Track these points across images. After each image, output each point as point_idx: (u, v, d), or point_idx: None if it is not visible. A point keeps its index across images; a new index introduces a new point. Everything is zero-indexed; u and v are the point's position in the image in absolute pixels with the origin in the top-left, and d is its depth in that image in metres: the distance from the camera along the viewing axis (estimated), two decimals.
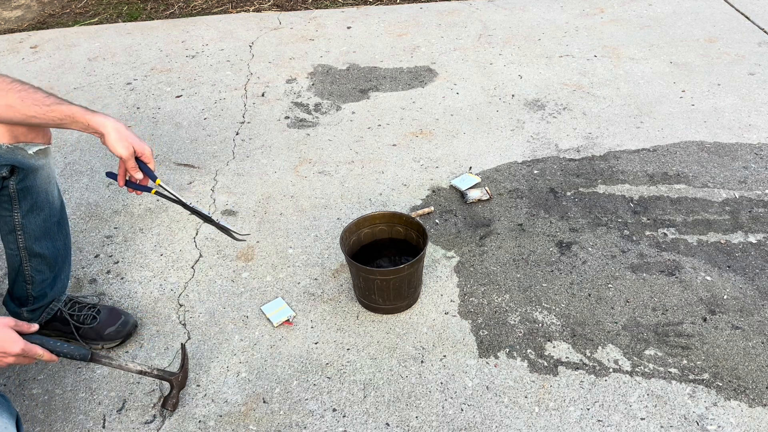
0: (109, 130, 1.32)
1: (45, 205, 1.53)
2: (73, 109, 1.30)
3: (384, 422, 1.53)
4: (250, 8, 4.02)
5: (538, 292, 1.88)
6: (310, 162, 2.50)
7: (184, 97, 2.99)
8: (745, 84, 2.93)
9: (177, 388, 1.53)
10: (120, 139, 1.34)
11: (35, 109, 1.27)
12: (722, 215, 2.15)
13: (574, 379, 1.62)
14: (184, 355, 1.57)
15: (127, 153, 1.35)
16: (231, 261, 2.03)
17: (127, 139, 1.35)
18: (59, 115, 1.29)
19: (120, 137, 1.34)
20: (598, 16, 3.69)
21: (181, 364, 1.56)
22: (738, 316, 1.78)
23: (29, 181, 1.47)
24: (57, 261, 1.65)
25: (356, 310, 1.84)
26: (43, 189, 1.51)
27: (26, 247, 1.56)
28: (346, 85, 3.05)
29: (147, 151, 1.38)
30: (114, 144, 1.33)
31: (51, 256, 1.62)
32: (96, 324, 1.71)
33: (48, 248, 1.60)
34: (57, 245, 1.63)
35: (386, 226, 1.89)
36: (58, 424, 1.54)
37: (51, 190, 1.54)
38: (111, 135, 1.33)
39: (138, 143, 1.38)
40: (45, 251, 1.59)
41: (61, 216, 1.62)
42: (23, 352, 1.18)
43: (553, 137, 2.60)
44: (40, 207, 1.52)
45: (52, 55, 3.43)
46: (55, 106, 1.28)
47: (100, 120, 1.32)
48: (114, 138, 1.33)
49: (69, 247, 1.69)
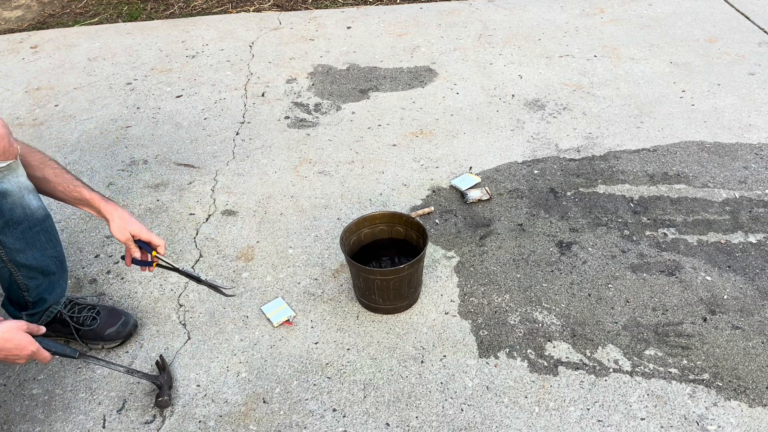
0: (114, 218, 1.54)
1: (22, 219, 1.50)
2: (93, 195, 1.53)
3: (384, 422, 1.53)
4: (250, 8, 4.02)
5: (538, 292, 1.88)
6: (310, 162, 2.50)
7: (184, 97, 2.99)
8: (745, 84, 2.93)
9: (166, 387, 1.59)
10: (121, 227, 1.54)
11: (64, 186, 1.52)
12: (722, 215, 2.15)
13: (574, 379, 1.62)
14: (163, 361, 1.66)
15: (124, 238, 1.55)
16: (231, 261, 2.03)
17: (127, 227, 1.55)
18: (80, 197, 1.52)
19: (122, 225, 1.54)
20: (598, 16, 3.69)
21: (162, 367, 1.64)
22: (738, 316, 1.78)
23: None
24: (49, 268, 1.63)
25: (356, 310, 1.84)
26: (18, 204, 1.47)
27: (11, 260, 1.54)
28: (346, 85, 3.05)
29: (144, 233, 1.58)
30: (115, 230, 1.54)
31: (41, 266, 1.60)
32: (96, 325, 1.70)
33: (36, 258, 1.58)
34: (47, 254, 1.61)
35: (386, 226, 1.89)
36: (58, 424, 1.54)
37: (27, 203, 1.50)
38: (114, 222, 1.54)
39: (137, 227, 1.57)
40: (32, 262, 1.57)
41: (45, 225, 1.59)
42: (35, 354, 1.31)
43: (553, 137, 2.60)
44: (16, 221, 1.49)
45: (52, 55, 3.43)
46: (79, 188, 1.52)
47: (109, 209, 1.54)
48: (116, 226, 1.54)
49: (62, 253, 1.66)
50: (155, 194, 2.33)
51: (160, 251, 1.63)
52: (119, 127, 2.77)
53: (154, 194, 2.33)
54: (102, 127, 2.77)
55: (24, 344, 1.29)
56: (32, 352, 1.30)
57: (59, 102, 2.98)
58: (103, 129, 2.76)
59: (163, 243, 1.62)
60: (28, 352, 1.30)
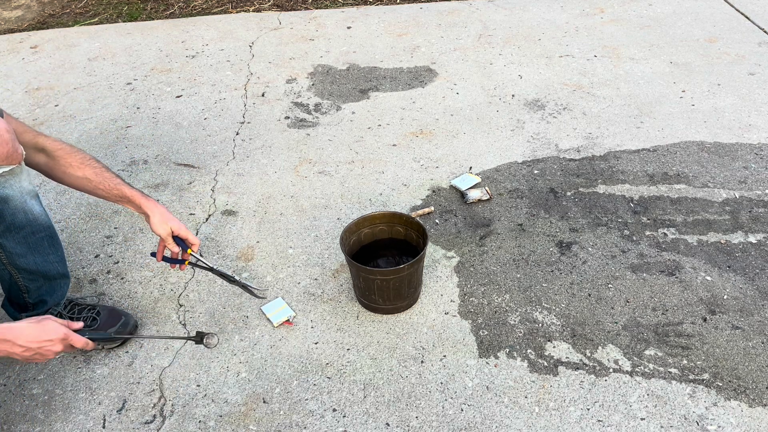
0: (155, 213, 1.58)
1: (24, 224, 1.51)
2: (133, 192, 1.57)
3: (384, 422, 1.53)
4: (250, 8, 4.02)
5: (538, 292, 1.88)
6: (310, 162, 2.50)
7: (184, 97, 2.99)
8: (745, 84, 2.93)
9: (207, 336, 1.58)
10: (162, 221, 1.58)
11: (105, 184, 1.54)
12: (722, 215, 2.15)
13: (574, 379, 1.62)
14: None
15: (164, 232, 1.58)
16: (231, 261, 2.03)
17: (167, 222, 1.59)
18: (120, 194, 1.55)
19: (162, 220, 1.58)
20: (598, 16, 3.69)
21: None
22: (738, 316, 1.78)
23: (0, 205, 1.44)
24: (51, 273, 1.63)
25: (356, 310, 1.84)
26: (20, 209, 1.48)
27: (11, 263, 1.54)
28: (346, 85, 3.05)
29: (182, 230, 1.62)
30: (156, 225, 1.57)
31: (43, 270, 1.60)
32: (96, 326, 1.70)
33: (38, 263, 1.58)
34: (49, 259, 1.61)
35: (386, 226, 1.89)
36: (58, 424, 1.54)
37: (29, 208, 1.51)
38: (155, 217, 1.57)
39: (176, 224, 1.61)
40: (33, 266, 1.58)
41: (50, 231, 1.60)
42: (68, 338, 1.32)
43: (553, 137, 2.60)
44: (18, 226, 1.50)
45: (52, 55, 3.43)
46: (120, 186, 1.55)
47: (149, 205, 1.58)
48: (157, 220, 1.57)
49: (64, 257, 1.67)
50: (155, 194, 2.33)
51: (194, 249, 1.66)
52: (119, 127, 2.77)
53: (155, 194, 2.33)
54: (102, 127, 2.77)
55: (52, 330, 1.30)
56: (65, 334, 1.31)
57: (59, 102, 2.98)
58: (103, 129, 2.76)
59: (198, 242, 1.66)
60: (62, 335, 1.30)
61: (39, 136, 1.50)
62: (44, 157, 1.51)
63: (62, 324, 1.32)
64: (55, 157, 1.52)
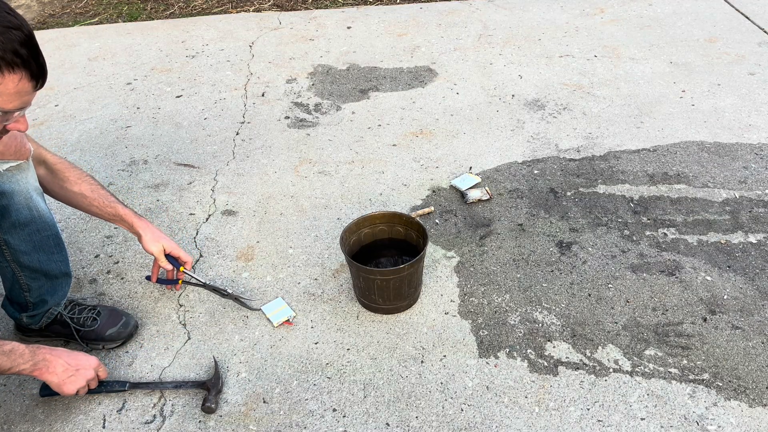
0: (147, 232, 1.62)
1: (29, 220, 1.50)
2: (126, 211, 1.62)
3: (384, 422, 1.53)
4: (250, 8, 4.02)
5: (538, 292, 1.88)
6: (310, 162, 2.50)
7: (184, 97, 2.99)
8: (745, 84, 2.93)
9: (213, 392, 1.57)
10: (154, 240, 1.62)
11: (99, 201, 1.59)
12: (722, 215, 2.15)
13: (574, 379, 1.62)
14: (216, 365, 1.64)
15: (156, 250, 1.63)
16: (231, 261, 2.03)
17: (159, 241, 1.63)
18: (114, 212, 1.60)
19: (154, 238, 1.63)
20: (598, 16, 3.69)
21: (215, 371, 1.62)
22: (738, 316, 1.78)
23: (5, 200, 1.43)
24: (54, 272, 1.63)
25: (356, 310, 1.84)
26: (24, 205, 1.47)
27: (15, 260, 1.54)
28: (346, 85, 3.05)
29: (174, 249, 1.66)
30: (148, 244, 1.62)
31: (46, 269, 1.60)
32: (97, 326, 1.70)
33: (42, 262, 1.57)
34: (54, 258, 1.60)
35: (386, 226, 1.89)
36: (58, 424, 1.54)
37: (34, 204, 1.49)
38: (147, 236, 1.62)
39: (168, 243, 1.65)
40: (37, 264, 1.57)
41: (55, 230, 1.59)
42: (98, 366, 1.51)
43: (553, 137, 2.60)
44: (23, 223, 1.49)
45: (52, 55, 3.43)
46: (114, 204, 1.60)
47: (141, 225, 1.62)
48: (149, 239, 1.62)
49: (67, 258, 1.67)
50: (155, 194, 2.33)
51: (187, 267, 1.70)
52: (119, 127, 2.77)
53: (154, 194, 2.33)
54: (102, 127, 2.77)
55: (88, 356, 1.50)
56: (98, 363, 1.50)
57: (59, 102, 2.98)
58: (103, 129, 2.76)
59: (191, 260, 1.69)
60: (95, 365, 1.50)
61: (41, 148, 1.54)
62: (44, 170, 1.55)
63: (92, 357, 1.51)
64: (54, 171, 1.56)
